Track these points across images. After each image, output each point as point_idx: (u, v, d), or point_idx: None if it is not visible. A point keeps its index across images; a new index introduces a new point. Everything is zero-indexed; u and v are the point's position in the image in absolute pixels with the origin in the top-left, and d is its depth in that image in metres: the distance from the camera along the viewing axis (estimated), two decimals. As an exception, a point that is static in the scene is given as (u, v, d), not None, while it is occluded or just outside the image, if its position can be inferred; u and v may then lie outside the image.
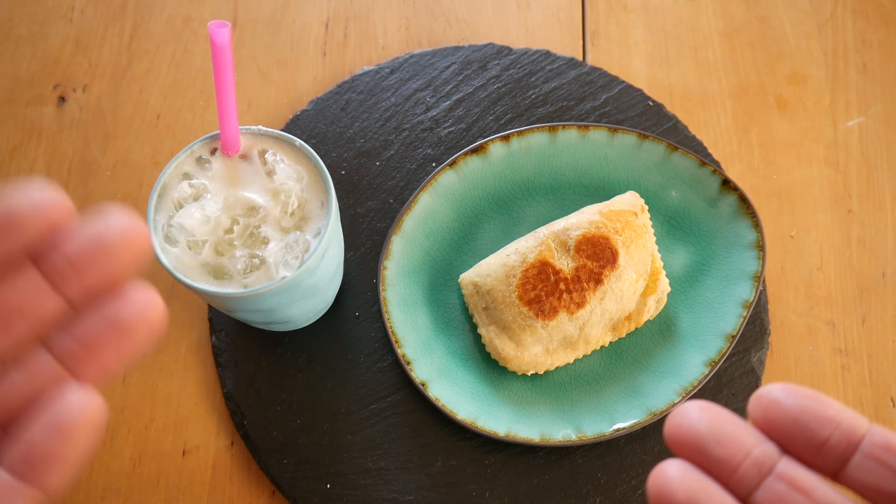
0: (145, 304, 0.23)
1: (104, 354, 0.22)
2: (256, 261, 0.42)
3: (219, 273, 0.42)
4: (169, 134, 0.61)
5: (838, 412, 0.23)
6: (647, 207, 0.54)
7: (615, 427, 0.50)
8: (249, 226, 0.43)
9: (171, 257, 0.42)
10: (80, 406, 0.22)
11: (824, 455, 0.23)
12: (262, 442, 0.51)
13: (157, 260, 0.42)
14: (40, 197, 0.22)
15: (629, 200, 0.53)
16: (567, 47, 0.64)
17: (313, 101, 0.60)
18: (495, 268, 0.51)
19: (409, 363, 0.51)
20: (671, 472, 0.23)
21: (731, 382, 0.52)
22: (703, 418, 0.24)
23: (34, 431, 0.22)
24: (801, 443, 0.24)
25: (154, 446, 0.52)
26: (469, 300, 0.53)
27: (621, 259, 0.50)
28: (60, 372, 0.22)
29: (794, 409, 0.24)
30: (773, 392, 0.24)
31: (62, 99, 0.62)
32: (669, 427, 0.24)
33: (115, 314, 0.22)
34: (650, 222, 0.53)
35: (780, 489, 0.23)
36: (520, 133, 0.56)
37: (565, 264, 0.50)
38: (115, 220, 0.22)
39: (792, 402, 0.24)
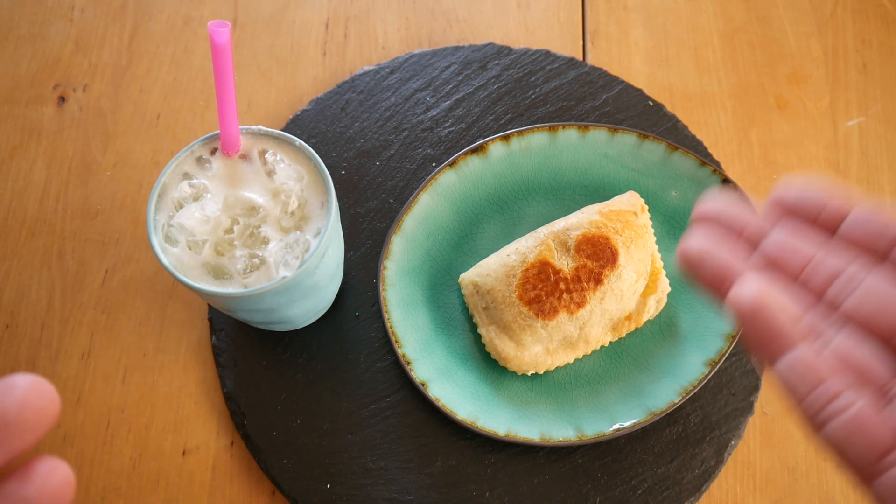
0: (55, 482, 0.21)
1: None
2: (256, 261, 0.42)
3: (219, 273, 0.42)
4: (169, 134, 0.61)
5: (832, 197, 0.29)
6: (647, 207, 0.54)
7: (615, 427, 0.50)
8: (249, 226, 0.43)
9: (171, 257, 0.42)
10: None
11: (821, 221, 0.29)
12: (262, 442, 0.51)
13: (157, 260, 0.41)
14: None
15: (629, 200, 0.53)
16: (567, 47, 0.64)
17: (313, 101, 0.60)
18: (495, 268, 0.51)
19: (409, 363, 0.51)
20: (695, 237, 0.30)
21: (731, 382, 0.52)
22: (714, 206, 0.31)
23: None
24: (802, 214, 0.29)
25: (154, 446, 0.52)
26: (469, 300, 0.53)
27: (621, 259, 0.50)
28: None
29: (797, 195, 0.29)
30: (788, 185, 0.30)
31: (62, 99, 0.62)
32: (686, 245, 0.30)
33: (22, 497, 0.20)
34: (650, 222, 0.53)
35: (783, 235, 0.29)
36: (520, 133, 0.56)
37: (565, 264, 0.50)
38: (18, 389, 0.20)
39: (794, 192, 0.29)
